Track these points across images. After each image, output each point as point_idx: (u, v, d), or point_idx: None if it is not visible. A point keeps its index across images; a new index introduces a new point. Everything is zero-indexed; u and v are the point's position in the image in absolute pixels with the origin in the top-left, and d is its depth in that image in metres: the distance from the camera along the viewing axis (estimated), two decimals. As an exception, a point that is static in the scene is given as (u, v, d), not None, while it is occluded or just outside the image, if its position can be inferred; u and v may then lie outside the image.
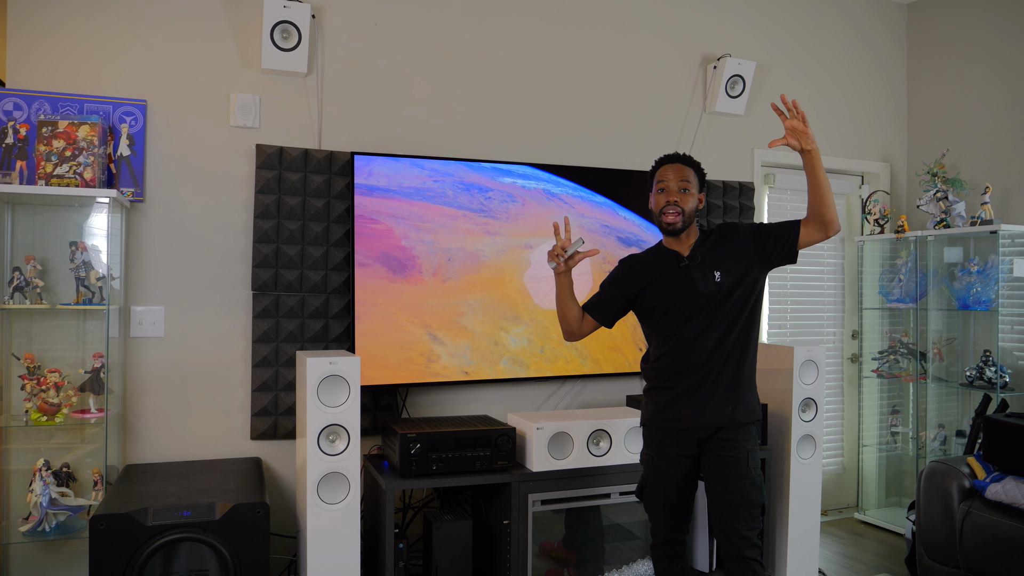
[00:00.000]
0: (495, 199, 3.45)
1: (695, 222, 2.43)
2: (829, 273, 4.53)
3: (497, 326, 3.44)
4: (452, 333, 3.34)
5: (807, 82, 4.34)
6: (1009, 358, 3.80)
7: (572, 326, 2.44)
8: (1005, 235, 3.74)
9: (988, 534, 2.87)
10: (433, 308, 3.32)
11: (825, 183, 2.25)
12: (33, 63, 2.91)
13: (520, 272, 3.48)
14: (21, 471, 2.81)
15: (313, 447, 2.56)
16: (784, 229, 2.35)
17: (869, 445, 4.38)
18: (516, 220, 3.48)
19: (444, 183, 3.36)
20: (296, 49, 3.15)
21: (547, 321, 3.50)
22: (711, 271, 2.34)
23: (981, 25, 4.23)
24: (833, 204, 2.26)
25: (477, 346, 3.39)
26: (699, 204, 2.42)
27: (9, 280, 2.73)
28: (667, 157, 2.45)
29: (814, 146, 2.23)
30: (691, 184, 2.39)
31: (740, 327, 2.34)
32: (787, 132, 2.24)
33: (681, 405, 2.35)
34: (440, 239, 3.34)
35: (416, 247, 3.30)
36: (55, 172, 2.70)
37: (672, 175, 2.38)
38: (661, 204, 2.39)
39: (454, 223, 3.36)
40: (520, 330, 3.49)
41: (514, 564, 2.87)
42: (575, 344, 3.52)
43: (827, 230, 2.28)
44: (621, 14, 3.87)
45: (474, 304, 3.39)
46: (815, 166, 2.24)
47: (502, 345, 3.45)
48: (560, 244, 2.32)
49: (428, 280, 3.31)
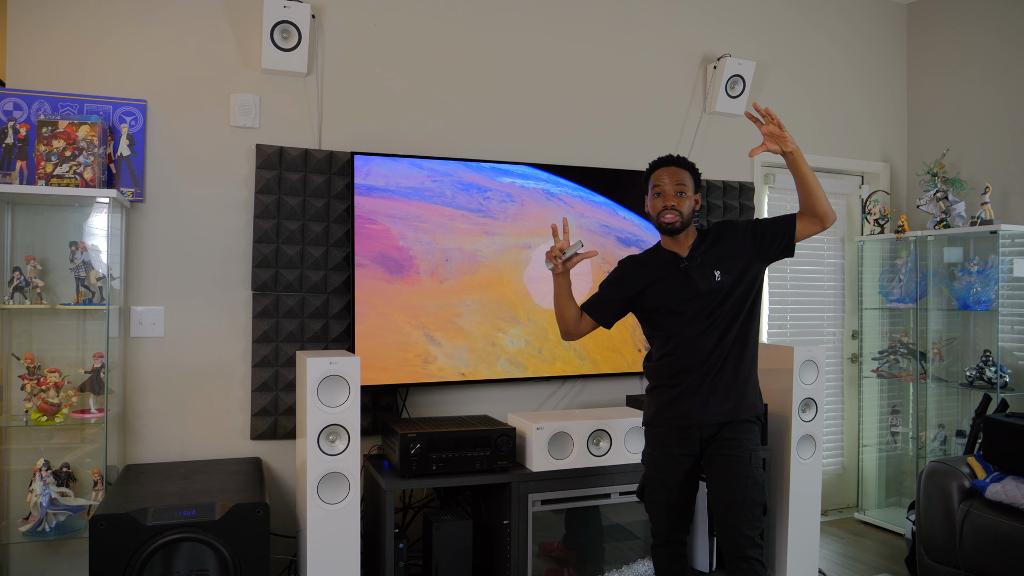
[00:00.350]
0: (494, 199, 3.44)
1: (693, 222, 2.43)
2: (829, 273, 4.53)
3: (495, 327, 3.42)
4: (449, 334, 3.33)
5: (807, 82, 4.34)
6: (1009, 358, 3.80)
7: (570, 326, 2.44)
8: (1005, 235, 3.74)
9: (988, 534, 2.87)
10: (430, 309, 3.30)
11: (811, 179, 2.25)
12: (33, 63, 2.91)
13: (519, 272, 3.46)
14: (21, 471, 2.81)
15: (313, 447, 2.56)
16: (780, 224, 2.36)
17: (869, 445, 4.38)
18: (515, 220, 3.47)
19: (443, 183, 3.34)
20: (296, 49, 3.15)
21: (545, 322, 3.49)
22: (711, 270, 2.34)
23: (981, 25, 4.23)
24: (823, 197, 2.27)
25: (474, 347, 3.38)
26: (696, 205, 2.42)
27: (9, 280, 2.73)
28: (661, 160, 2.44)
29: (794, 146, 2.22)
30: (687, 187, 2.38)
31: (740, 324, 2.35)
32: (765, 138, 2.23)
33: (683, 403, 2.36)
34: (438, 239, 3.32)
35: (414, 247, 3.28)
36: (55, 172, 2.70)
37: (667, 179, 2.38)
38: (658, 208, 2.39)
39: (452, 223, 3.35)
40: (518, 331, 3.48)
41: (514, 564, 2.87)
42: (573, 345, 3.52)
43: (823, 222, 2.29)
44: (622, 14, 3.87)
45: (472, 305, 3.38)
46: (799, 164, 2.24)
47: (499, 346, 3.43)
48: (558, 246, 2.32)
49: (425, 281, 3.30)
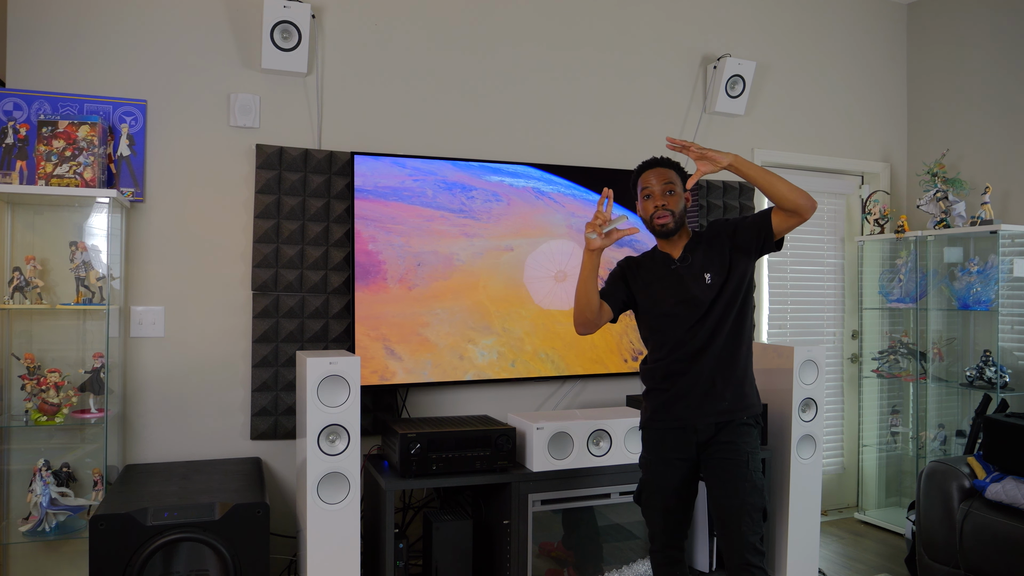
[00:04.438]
0: (478, 198, 3.29)
1: (687, 224, 2.43)
2: (829, 273, 4.53)
3: (464, 338, 3.24)
4: (412, 347, 3.16)
5: (807, 82, 4.34)
6: (1009, 358, 3.80)
7: (591, 314, 2.33)
8: (1005, 235, 3.74)
9: (988, 534, 2.87)
10: (394, 319, 3.12)
11: (764, 179, 2.18)
12: (33, 63, 2.91)
13: (497, 277, 3.28)
14: (21, 471, 2.81)
15: (313, 447, 2.56)
16: (757, 220, 2.31)
17: (869, 445, 4.38)
18: (499, 220, 3.33)
19: (424, 182, 3.18)
20: (296, 49, 3.15)
21: (521, 332, 3.33)
22: (701, 273, 2.34)
23: (981, 25, 4.23)
24: (788, 191, 2.17)
25: (439, 361, 3.21)
26: (687, 203, 2.42)
27: (9, 280, 2.73)
28: (645, 164, 2.43)
29: (729, 159, 2.17)
30: (676, 185, 2.38)
31: (731, 324, 2.34)
32: (696, 164, 2.19)
33: (678, 405, 2.35)
34: (412, 242, 3.17)
35: (384, 251, 3.11)
36: (55, 172, 2.70)
37: (655, 180, 2.37)
38: (650, 211, 2.38)
39: (430, 225, 3.20)
40: (490, 342, 3.28)
41: (514, 564, 2.87)
42: (552, 357, 3.42)
43: (799, 213, 2.20)
44: (622, 13, 3.87)
45: (441, 314, 3.20)
46: (745, 171, 2.18)
47: (468, 359, 3.25)
48: (601, 217, 2.22)
49: (392, 287, 3.13)
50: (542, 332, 3.45)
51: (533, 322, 3.40)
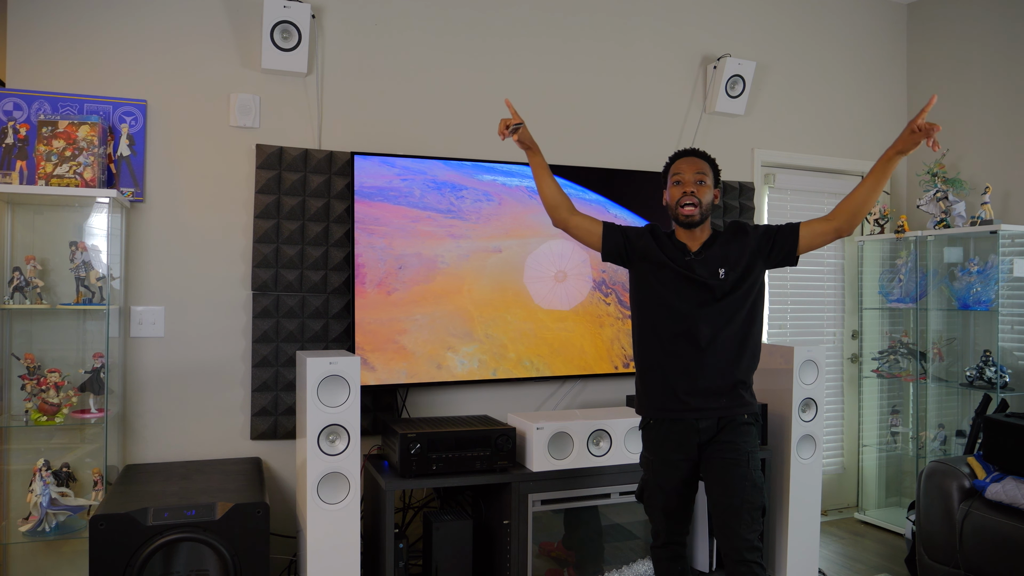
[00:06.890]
0: (468, 198, 3.18)
1: (709, 220, 2.42)
2: (829, 273, 4.53)
3: (444, 345, 3.12)
4: (386, 356, 3.04)
5: (807, 82, 4.34)
6: (1009, 358, 3.80)
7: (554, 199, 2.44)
8: (1005, 235, 3.74)
9: (988, 534, 2.87)
10: (369, 326, 3.01)
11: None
12: (33, 63, 2.91)
13: (482, 279, 3.18)
14: (21, 471, 2.81)
15: (313, 447, 2.57)
16: (788, 230, 2.34)
17: (869, 445, 4.38)
18: (488, 221, 3.23)
19: (412, 182, 3.09)
20: (296, 49, 3.15)
21: (505, 339, 3.23)
22: (716, 268, 2.33)
23: (981, 25, 4.23)
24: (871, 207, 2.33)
25: (415, 371, 3.11)
26: (715, 199, 2.41)
27: (9, 280, 2.73)
28: (681, 152, 2.45)
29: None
30: (707, 176, 2.38)
31: (739, 324, 2.33)
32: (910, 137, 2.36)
33: (676, 399, 2.34)
34: (394, 244, 3.08)
35: (364, 254, 3.02)
36: (55, 172, 2.70)
37: (687, 167, 2.38)
38: (677, 196, 2.37)
39: (415, 226, 3.10)
40: (470, 349, 3.15)
41: (514, 564, 2.87)
42: (537, 365, 3.37)
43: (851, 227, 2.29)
44: (622, 13, 3.87)
45: (421, 320, 3.07)
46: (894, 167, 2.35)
47: (446, 368, 3.13)
48: (504, 122, 2.40)
49: (370, 292, 3.03)
50: (530, 337, 3.37)
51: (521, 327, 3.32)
